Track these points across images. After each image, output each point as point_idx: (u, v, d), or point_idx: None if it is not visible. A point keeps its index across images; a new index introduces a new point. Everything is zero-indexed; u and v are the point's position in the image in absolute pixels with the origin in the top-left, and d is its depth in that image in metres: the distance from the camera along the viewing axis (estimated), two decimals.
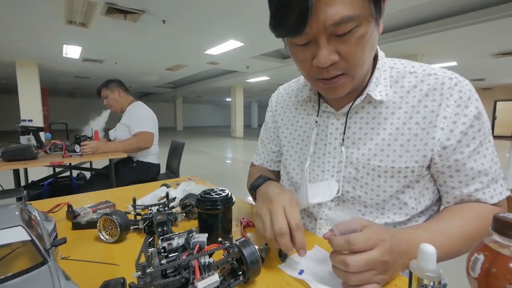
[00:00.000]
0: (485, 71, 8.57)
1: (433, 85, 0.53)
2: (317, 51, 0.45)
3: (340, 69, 0.47)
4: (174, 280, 0.34)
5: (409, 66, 0.57)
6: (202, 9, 3.86)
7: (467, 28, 4.31)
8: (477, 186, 0.52)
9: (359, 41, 0.44)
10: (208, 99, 20.91)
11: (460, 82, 0.52)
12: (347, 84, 0.50)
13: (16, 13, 3.94)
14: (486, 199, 0.52)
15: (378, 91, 0.55)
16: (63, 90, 14.33)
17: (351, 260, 0.37)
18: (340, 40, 0.44)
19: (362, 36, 0.44)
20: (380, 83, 0.56)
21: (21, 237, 0.34)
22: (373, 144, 0.56)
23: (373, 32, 0.46)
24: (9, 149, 1.69)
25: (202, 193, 0.56)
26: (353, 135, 0.58)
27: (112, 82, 2.27)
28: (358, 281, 0.38)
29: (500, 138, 12.34)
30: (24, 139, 2.06)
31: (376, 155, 0.55)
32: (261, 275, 0.42)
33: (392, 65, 0.58)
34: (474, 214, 0.52)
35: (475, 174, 0.52)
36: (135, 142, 2.09)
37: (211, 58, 6.79)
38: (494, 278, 0.26)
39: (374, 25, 0.45)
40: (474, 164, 0.52)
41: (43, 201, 0.86)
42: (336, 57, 0.45)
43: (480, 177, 0.52)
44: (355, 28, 0.42)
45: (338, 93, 0.52)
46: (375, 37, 0.47)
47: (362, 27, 0.43)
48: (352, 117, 0.58)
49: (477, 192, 0.52)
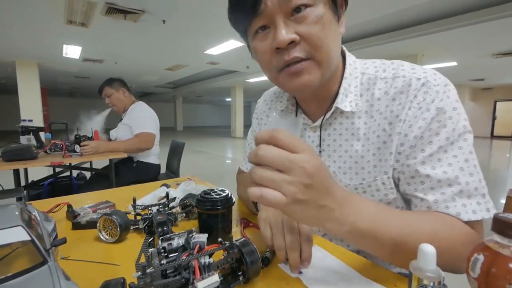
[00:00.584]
0: (485, 71, 8.57)
1: (400, 88, 0.49)
2: (275, 32, 0.44)
3: (302, 50, 0.45)
4: (174, 280, 0.34)
5: (381, 70, 0.53)
6: (202, 9, 3.86)
7: (467, 28, 4.31)
8: (438, 197, 0.45)
9: (317, 20, 0.44)
10: (208, 99, 20.91)
11: (428, 83, 0.47)
12: (313, 71, 0.47)
13: (16, 13, 3.94)
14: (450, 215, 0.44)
15: (348, 101, 0.53)
16: (63, 90, 14.33)
17: (270, 149, 0.31)
18: (297, 20, 0.44)
19: (320, 16, 0.44)
20: (351, 92, 0.53)
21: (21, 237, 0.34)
22: (347, 157, 0.54)
23: (332, 21, 0.46)
24: (9, 149, 1.69)
25: (202, 193, 0.56)
26: (327, 148, 0.57)
27: (115, 81, 2.26)
28: (267, 181, 0.31)
29: (500, 138, 12.35)
30: (24, 139, 2.07)
31: (345, 173, 0.55)
32: (261, 275, 0.42)
33: (363, 70, 0.55)
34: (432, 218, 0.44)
35: (434, 184, 0.45)
36: (136, 142, 2.09)
37: (211, 58, 6.79)
38: (494, 278, 0.26)
39: (332, 15, 0.46)
40: (432, 171, 0.45)
41: (43, 201, 0.86)
42: (295, 36, 0.44)
43: (442, 188, 0.45)
44: (311, 7, 0.43)
45: (304, 81, 0.47)
46: (335, 27, 0.47)
47: (319, 8, 0.44)
48: (327, 129, 0.57)
49: (438, 205, 0.45)
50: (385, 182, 0.51)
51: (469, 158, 0.45)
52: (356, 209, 0.37)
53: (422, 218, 0.44)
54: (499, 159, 7.05)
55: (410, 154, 0.48)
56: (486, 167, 5.59)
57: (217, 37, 5.17)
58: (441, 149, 0.46)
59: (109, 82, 2.24)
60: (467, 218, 0.43)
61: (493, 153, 8.08)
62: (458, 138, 0.46)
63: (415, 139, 0.47)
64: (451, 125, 0.46)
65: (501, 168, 5.74)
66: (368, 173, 0.52)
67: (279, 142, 0.31)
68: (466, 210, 0.44)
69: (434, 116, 0.46)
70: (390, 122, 0.50)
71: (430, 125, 0.46)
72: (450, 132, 0.45)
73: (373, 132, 0.52)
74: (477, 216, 0.43)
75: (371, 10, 3.94)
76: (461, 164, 0.45)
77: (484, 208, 0.44)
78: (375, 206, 0.41)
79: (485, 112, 13.29)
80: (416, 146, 0.47)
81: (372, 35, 5.27)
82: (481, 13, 3.98)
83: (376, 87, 0.52)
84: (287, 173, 0.31)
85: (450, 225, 0.43)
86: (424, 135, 0.46)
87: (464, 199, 0.44)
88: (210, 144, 9.88)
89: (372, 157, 0.52)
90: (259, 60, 0.51)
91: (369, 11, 3.98)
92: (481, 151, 8.09)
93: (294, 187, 0.31)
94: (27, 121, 2.14)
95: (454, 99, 0.47)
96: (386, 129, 0.50)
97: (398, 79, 0.50)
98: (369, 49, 5.63)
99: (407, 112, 0.48)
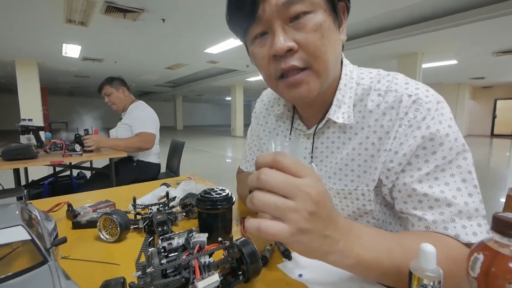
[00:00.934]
0: (486, 70, 8.55)
1: (391, 103, 0.49)
2: (273, 39, 0.44)
3: (300, 59, 0.44)
4: (174, 280, 0.34)
5: (376, 81, 0.53)
6: (201, 8, 3.85)
7: (467, 26, 4.29)
8: (436, 217, 0.43)
9: (316, 28, 0.43)
10: (208, 98, 20.89)
11: (419, 100, 0.46)
12: (312, 81, 0.46)
13: (15, 12, 3.93)
14: (449, 236, 0.43)
15: (341, 112, 0.52)
16: (63, 89, 14.32)
17: (267, 171, 0.28)
18: (296, 27, 0.43)
19: (319, 24, 0.43)
20: (344, 103, 0.53)
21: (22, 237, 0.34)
22: (334, 163, 0.55)
23: (332, 28, 0.45)
24: (9, 149, 1.69)
25: (202, 192, 0.56)
26: (320, 154, 0.58)
27: (115, 79, 2.26)
28: (268, 208, 0.28)
29: (500, 137, 12.35)
30: (24, 138, 2.07)
31: (330, 178, 0.55)
32: (261, 275, 0.42)
33: (359, 80, 0.54)
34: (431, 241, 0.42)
35: (432, 203, 0.44)
36: (136, 141, 2.09)
37: (211, 57, 6.77)
38: (493, 277, 0.26)
39: (333, 22, 0.45)
40: (429, 190, 0.44)
41: (43, 200, 0.86)
42: (293, 44, 0.43)
43: (441, 207, 0.43)
44: (310, 14, 0.43)
45: (302, 93, 0.47)
46: (335, 35, 0.46)
47: (318, 15, 0.43)
48: (320, 137, 0.58)
49: (436, 225, 0.43)
50: (365, 193, 0.52)
51: (467, 178, 0.44)
52: (358, 239, 0.35)
53: (421, 241, 0.42)
54: (499, 157, 7.05)
55: (406, 172, 0.47)
56: (486, 166, 5.60)
57: (217, 36, 5.16)
58: (438, 168, 0.44)
59: (109, 81, 2.23)
60: (467, 240, 0.42)
61: (493, 151, 8.08)
62: (457, 156, 0.44)
63: (404, 156, 0.46)
64: (448, 143, 0.44)
65: (501, 166, 5.74)
66: (351, 181, 0.53)
67: (283, 166, 0.29)
68: (466, 232, 0.42)
69: (426, 134, 0.45)
70: (380, 137, 0.49)
71: (424, 143, 0.45)
72: (447, 151, 0.44)
73: (362, 144, 0.52)
74: (478, 239, 0.41)
75: (371, 8, 3.93)
76: (459, 184, 0.44)
77: (485, 230, 0.42)
78: (376, 232, 0.39)
79: (485, 110, 13.28)
80: (412, 165, 0.46)
81: (372, 33, 5.25)
82: (481, 11, 3.97)
83: (369, 98, 0.52)
84: (291, 199, 0.28)
85: (447, 247, 0.41)
86: (419, 154, 0.45)
87: (464, 220, 0.43)
88: (210, 143, 9.88)
89: (357, 168, 0.52)
90: (257, 66, 0.51)
91: (369, 9, 3.97)
92: (481, 149, 8.09)
93: (298, 215, 0.28)
94: (27, 121, 2.14)
95: (448, 116, 0.46)
96: (375, 143, 0.50)
97: (390, 93, 0.49)
98: (369, 48, 5.62)
99: (398, 129, 0.47)
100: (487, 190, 3.51)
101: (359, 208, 0.54)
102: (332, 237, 0.31)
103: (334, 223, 0.32)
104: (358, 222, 0.38)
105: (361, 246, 0.35)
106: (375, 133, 0.50)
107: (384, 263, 0.36)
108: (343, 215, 0.54)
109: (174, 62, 7.56)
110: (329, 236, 0.31)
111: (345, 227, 0.33)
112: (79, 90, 14.33)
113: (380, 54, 6.30)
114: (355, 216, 0.56)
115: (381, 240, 0.38)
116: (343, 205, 0.56)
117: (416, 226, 0.46)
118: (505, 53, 6.08)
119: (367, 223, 0.55)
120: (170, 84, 12.88)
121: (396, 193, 0.49)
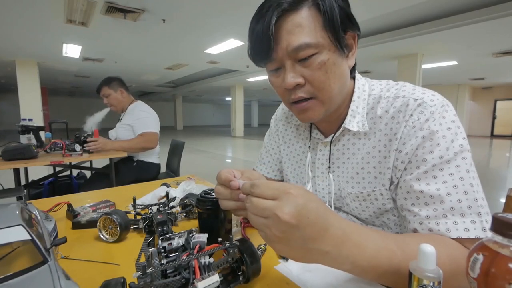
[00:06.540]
0: (485, 70, 8.56)
1: (399, 107, 0.53)
2: (285, 75, 0.51)
3: (306, 92, 0.52)
4: (174, 280, 0.34)
5: (385, 90, 0.58)
6: (202, 8, 3.85)
7: (467, 27, 4.30)
8: (430, 213, 0.46)
9: (320, 66, 0.49)
10: (208, 98, 20.90)
11: (424, 103, 0.50)
12: (317, 108, 0.54)
13: (15, 12, 3.93)
14: (440, 231, 0.44)
15: (356, 122, 0.58)
16: (63, 89, 14.32)
17: (251, 200, 0.36)
18: (303, 65, 0.50)
19: (323, 62, 0.49)
20: (358, 113, 0.58)
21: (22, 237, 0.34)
22: (351, 168, 0.60)
23: (337, 61, 0.51)
24: (9, 148, 1.69)
25: (202, 192, 0.56)
26: (337, 161, 0.63)
27: (114, 80, 2.24)
28: (254, 224, 0.36)
29: (500, 138, 12.35)
30: (24, 138, 2.06)
31: (348, 182, 0.60)
32: (261, 275, 0.42)
33: (370, 91, 0.60)
34: (426, 238, 0.44)
35: (427, 200, 0.47)
36: (141, 141, 2.09)
37: (211, 57, 6.78)
38: (493, 278, 0.26)
39: (338, 55, 0.51)
40: (426, 187, 0.47)
41: (43, 200, 0.86)
42: (301, 80, 0.51)
43: (435, 204, 0.46)
44: (315, 55, 0.49)
45: (309, 116, 0.55)
46: (340, 66, 0.52)
47: (323, 54, 0.49)
48: (336, 144, 0.63)
49: (429, 220, 0.46)
50: (383, 193, 0.55)
51: (465, 176, 0.46)
52: (355, 247, 0.36)
53: (419, 239, 0.42)
54: (499, 158, 7.05)
55: (406, 170, 0.50)
56: (486, 166, 5.60)
57: (217, 36, 5.16)
58: (435, 167, 0.47)
59: (107, 82, 2.22)
60: (456, 235, 0.43)
61: (493, 152, 8.08)
62: (455, 156, 0.47)
63: (406, 155, 0.50)
64: (445, 144, 0.47)
65: (501, 167, 5.74)
66: (368, 183, 0.57)
67: (258, 194, 0.35)
68: (457, 227, 0.44)
69: (426, 135, 0.48)
70: (390, 139, 0.54)
71: (423, 143, 0.48)
72: (444, 151, 0.47)
73: (375, 147, 0.56)
74: (469, 235, 0.43)
75: (372, 9, 3.94)
76: (456, 182, 0.46)
77: (479, 227, 0.43)
78: (378, 236, 0.39)
79: (485, 111, 13.28)
80: (412, 163, 0.50)
81: (373, 34, 5.26)
82: (481, 12, 3.98)
83: (379, 105, 0.57)
84: (268, 219, 0.34)
85: (450, 249, 0.42)
86: (418, 153, 0.49)
87: (457, 216, 0.44)
88: (210, 143, 9.88)
89: (373, 169, 0.56)
90: (275, 90, 0.58)
91: (370, 10, 3.97)
92: (481, 150, 8.09)
93: (270, 231, 0.33)
94: (27, 120, 2.13)
95: (450, 119, 0.49)
96: (386, 145, 0.54)
97: (398, 99, 0.54)
98: (369, 48, 5.62)
99: (403, 130, 0.51)
100: (487, 191, 3.47)
101: (379, 207, 0.57)
102: (318, 249, 0.34)
103: (320, 235, 0.33)
104: (359, 228, 0.38)
105: (359, 255, 0.36)
106: (386, 135, 0.55)
107: (383, 266, 0.37)
108: (365, 216, 0.59)
109: (174, 62, 7.57)
110: (313, 249, 0.34)
111: (338, 237, 0.34)
112: (79, 90, 14.34)
113: (380, 54, 6.31)
114: (376, 215, 0.59)
115: (383, 245, 0.38)
116: (363, 206, 0.59)
117: (412, 222, 0.49)
118: (505, 54, 6.08)
119: (388, 220, 0.58)
120: (170, 84, 12.88)
121: (398, 189, 0.53)
